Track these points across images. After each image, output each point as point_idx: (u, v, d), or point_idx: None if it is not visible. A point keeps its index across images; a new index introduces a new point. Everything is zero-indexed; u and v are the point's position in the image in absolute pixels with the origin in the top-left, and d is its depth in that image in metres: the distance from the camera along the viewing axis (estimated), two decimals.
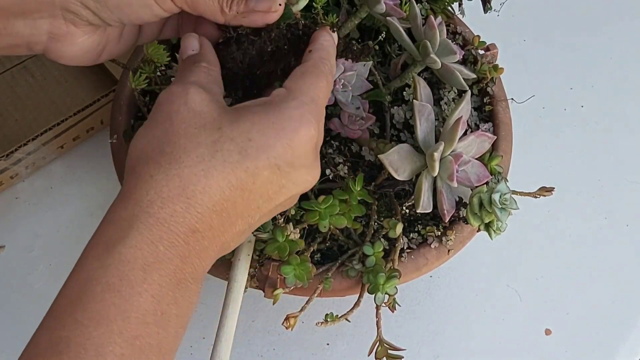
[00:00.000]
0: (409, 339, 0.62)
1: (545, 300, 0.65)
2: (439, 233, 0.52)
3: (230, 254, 0.46)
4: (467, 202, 0.49)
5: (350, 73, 0.51)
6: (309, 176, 0.40)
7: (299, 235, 0.48)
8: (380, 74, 0.56)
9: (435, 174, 0.47)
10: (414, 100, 0.50)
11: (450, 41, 0.50)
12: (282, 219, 0.48)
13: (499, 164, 0.53)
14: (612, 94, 0.80)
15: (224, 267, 0.47)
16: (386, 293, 0.48)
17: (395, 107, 0.56)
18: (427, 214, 0.51)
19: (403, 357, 0.47)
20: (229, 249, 0.39)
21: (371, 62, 0.54)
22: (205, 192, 0.35)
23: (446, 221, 0.49)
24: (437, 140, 0.48)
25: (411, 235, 0.52)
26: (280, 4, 0.42)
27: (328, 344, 0.62)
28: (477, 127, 0.57)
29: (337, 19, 0.55)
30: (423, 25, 0.51)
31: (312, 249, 0.49)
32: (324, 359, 0.61)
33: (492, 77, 0.58)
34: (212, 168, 0.36)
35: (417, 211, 0.48)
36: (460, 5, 0.59)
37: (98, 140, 0.72)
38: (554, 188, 0.50)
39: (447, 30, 0.60)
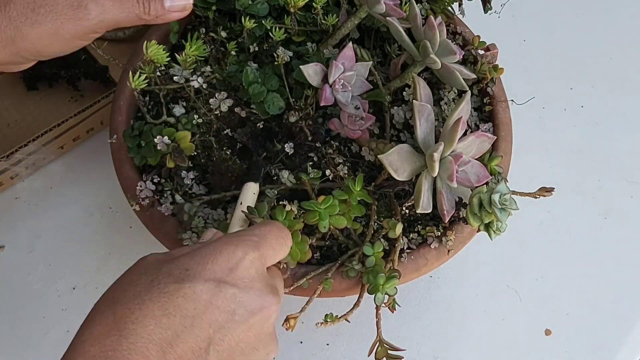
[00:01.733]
0: (409, 339, 0.62)
1: (545, 300, 0.65)
2: (439, 233, 0.52)
3: None
4: (467, 203, 0.49)
5: (350, 73, 0.51)
6: (263, 301, 0.38)
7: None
8: (380, 74, 0.56)
9: (435, 174, 0.47)
10: (414, 101, 0.50)
11: (450, 41, 0.50)
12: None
13: (499, 164, 0.53)
14: (612, 94, 0.80)
15: None
16: (386, 293, 0.48)
17: (395, 108, 0.56)
18: (427, 214, 0.51)
19: (403, 358, 0.47)
20: None
21: (371, 62, 0.54)
22: (139, 322, 0.34)
23: (446, 221, 0.49)
24: (437, 141, 0.48)
25: (411, 235, 0.52)
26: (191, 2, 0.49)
27: (328, 344, 0.62)
28: (477, 128, 0.57)
29: (336, 19, 0.55)
30: (423, 25, 0.51)
31: (311, 242, 0.49)
32: (324, 359, 0.61)
33: (492, 77, 0.58)
34: (148, 300, 0.35)
35: (417, 211, 0.48)
36: (460, 5, 0.59)
37: (98, 140, 0.72)
38: (553, 188, 0.50)
39: (447, 30, 0.60)
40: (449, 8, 0.60)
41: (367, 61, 0.54)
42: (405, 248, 0.52)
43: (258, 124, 0.54)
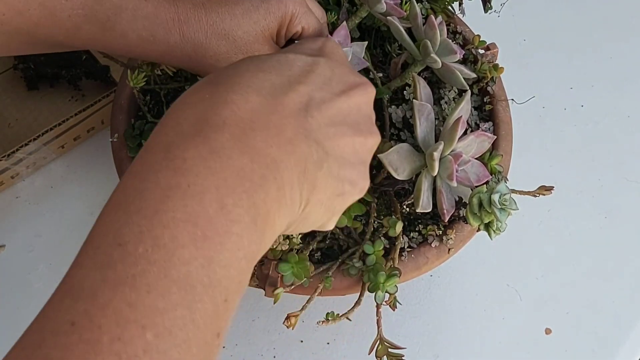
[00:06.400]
0: (409, 338, 0.62)
1: (545, 300, 0.65)
2: (440, 232, 0.52)
3: None
4: (467, 202, 0.49)
5: (346, 48, 0.51)
6: (358, 77, 0.37)
7: (299, 240, 0.48)
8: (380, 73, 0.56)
9: (435, 173, 0.47)
10: (414, 100, 0.50)
11: (450, 41, 0.50)
12: None
13: (499, 163, 0.53)
14: (612, 94, 0.80)
15: None
16: (387, 292, 0.48)
17: (395, 107, 0.56)
18: (428, 213, 0.51)
19: (403, 356, 0.47)
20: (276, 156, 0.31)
21: (366, 42, 0.53)
22: (235, 75, 0.33)
23: (446, 221, 0.49)
24: (437, 140, 0.48)
25: (411, 234, 0.52)
26: None
27: (328, 343, 0.62)
28: (477, 127, 0.57)
29: (337, 18, 0.55)
30: (423, 24, 0.51)
31: (311, 248, 0.49)
32: (325, 358, 0.61)
33: (492, 77, 0.58)
34: (240, 62, 0.34)
35: (417, 211, 0.48)
36: (460, 4, 0.59)
37: (98, 139, 0.72)
38: (553, 187, 0.50)
39: (448, 29, 0.60)
40: (449, 7, 0.60)
41: (367, 60, 0.54)
42: (405, 247, 0.52)
43: None
